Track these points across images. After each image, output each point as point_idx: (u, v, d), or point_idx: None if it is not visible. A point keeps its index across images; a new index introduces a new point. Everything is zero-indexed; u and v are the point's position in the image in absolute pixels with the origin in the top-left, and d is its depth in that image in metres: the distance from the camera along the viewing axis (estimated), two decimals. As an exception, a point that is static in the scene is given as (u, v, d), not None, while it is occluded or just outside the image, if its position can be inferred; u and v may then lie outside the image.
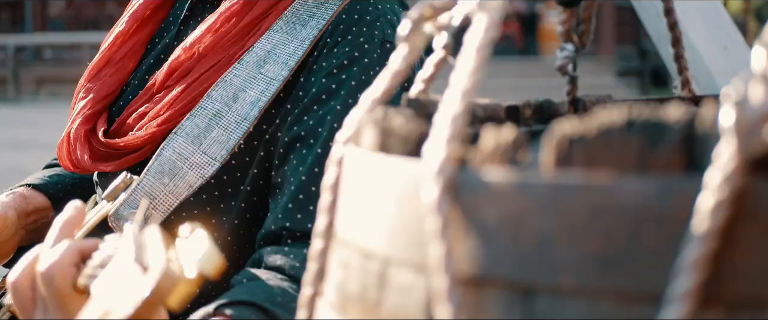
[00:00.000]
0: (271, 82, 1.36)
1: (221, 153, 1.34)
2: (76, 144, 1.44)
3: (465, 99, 0.53)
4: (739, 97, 0.43)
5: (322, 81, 1.35)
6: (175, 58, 1.42)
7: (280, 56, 1.37)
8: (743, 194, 0.42)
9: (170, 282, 0.70)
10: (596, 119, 0.47)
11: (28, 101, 18.17)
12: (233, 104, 1.35)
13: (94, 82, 1.51)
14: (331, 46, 1.36)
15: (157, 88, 1.42)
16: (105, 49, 1.54)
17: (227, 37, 1.39)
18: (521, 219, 0.48)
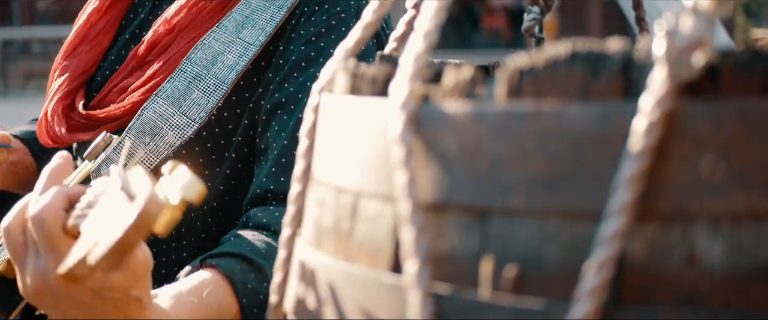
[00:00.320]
0: (248, 46, 1.38)
1: (200, 115, 1.37)
2: (53, 119, 1.46)
3: (427, 40, 0.57)
4: (670, 28, 0.47)
5: (301, 48, 1.38)
6: (154, 33, 1.44)
7: (258, 22, 1.40)
8: (673, 115, 0.47)
9: (156, 206, 0.73)
10: (544, 53, 0.51)
11: (16, 96, 18.11)
12: (212, 68, 1.38)
13: (70, 59, 1.52)
14: (309, 15, 1.39)
15: (136, 62, 1.44)
16: (79, 27, 1.55)
17: (204, 12, 1.41)
18: (477, 147, 0.52)
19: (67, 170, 1.02)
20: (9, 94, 18.34)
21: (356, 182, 0.60)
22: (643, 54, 0.49)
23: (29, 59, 19.77)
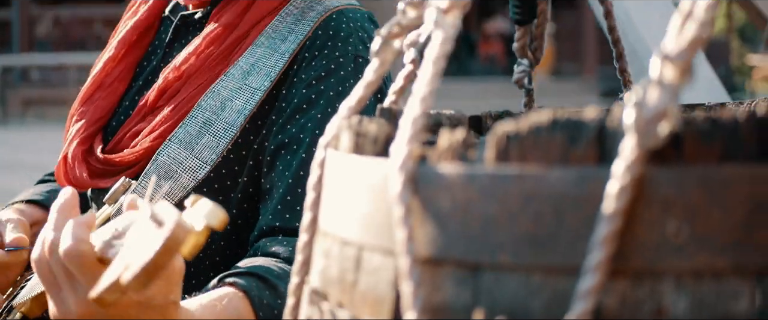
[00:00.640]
0: (254, 92, 1.46)
1: (211, 157, 1.45)
2: (74, 163, 1.53)
3: (424, 104, 0.63)
4: (639, 99, 0.53)
5: (302, 92, 1.46)
6: (164, 79, 1.52)
7: (263, 69, 1.48)
8: (642, 180, 0.53)
9: (183, 230, 0.81)
10: (528, 120, 0.57)
11: (15, 123, 18.19)
12: (221, 113, 1.46)
13: (87, 106, 1.61)
14: (310, 60, 1.48)
15: (148, 108, 1.52)
16: (95, 75, 1.63)
17: (211, 58, 1.49)
18: (469, 206, 0.58)
19: (74, 203, 1.09)
20: (8, 121, 18.41)
21: (359, 235, 0.66)
22: (616, 122, 0.55)
23: (28, 86, 19.84)
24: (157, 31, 1.65)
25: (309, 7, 1.52)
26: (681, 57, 0.54)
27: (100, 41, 20.83)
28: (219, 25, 1.51)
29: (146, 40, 1.63)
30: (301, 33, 1.49)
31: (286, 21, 1.52)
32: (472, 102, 17.21)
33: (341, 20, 1.51)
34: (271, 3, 1.52)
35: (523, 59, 0.94)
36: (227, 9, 1.52)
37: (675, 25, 0.56)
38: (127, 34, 1.64)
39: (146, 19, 1.63)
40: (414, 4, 0.76)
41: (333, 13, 1.51)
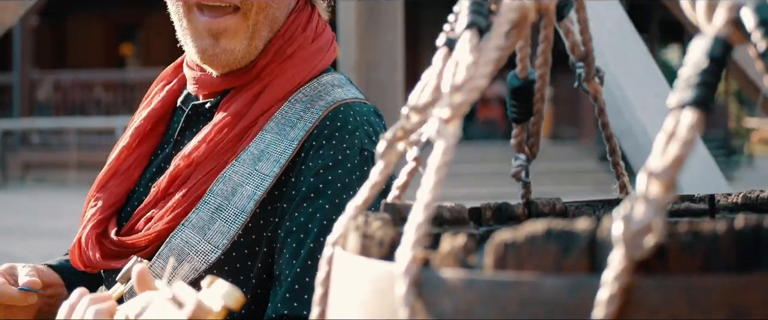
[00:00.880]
0: (264, 178, 1.52)
1: (223, 242, 1.50)
2: (87, 246, 1.60)
3: (427, 211, 0.68)
4: (626, 213, 0.58)
5: (310, 180, 1.51)
6: (175, 167, 1.59)
7: (273, 155, 1.53)
8: (630, 289, 0.57)
9: (203, 312, 0.85)
10: (524, 230, 0.61)
11: (15, 187, 18.23)
12: (232, 198, 1.52)
13: (103, 192, 1.68)
14: (318, 148, 1.53)
15: (160, 194, 1.59)
16: (111, 162, 1.71)
17: (220, 146, 1.55)
18: (470, 310, 0.62)
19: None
20: (7, 185, 18.46)
21: (365, 332, 0.70)
22: (606, 234, 0.59)
23: (28, 150, 19.93)
24: (170, 121, 1.72)
25: (318, 96, 1.59)
26: (665, 175, 0.59)
27: (100, 105, 21.06)
28: (228, 114, 1.57)
29: (160, 129, 1.70)
30: (309, 120, 1.55)
31: (295, 108, 1.58)
32: (471, 166, 17.31)
33: (349, 113, 1.57)
34: (278, 93, 1.58)
35: (521, 154, 0.99)
36: (236, 99, 1.58)
37: (659, 145, 0.60)
38: (142, 124, 1.71)
39: (160, 109, 1.70)
40: (417, 109, 0.80)
41: (341, 105, 1.57)
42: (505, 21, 0.77)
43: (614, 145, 1.02)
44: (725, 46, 0.64)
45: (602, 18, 2.67)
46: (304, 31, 1.64)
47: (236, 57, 1.57)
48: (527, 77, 0.95)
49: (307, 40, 1.63)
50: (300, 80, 1.60)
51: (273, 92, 1.58)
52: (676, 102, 0.62)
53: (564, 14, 0.92)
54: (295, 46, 1.62)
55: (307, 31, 1.64)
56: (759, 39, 0.63)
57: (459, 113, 0.72)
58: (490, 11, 0.80)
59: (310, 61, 1.62)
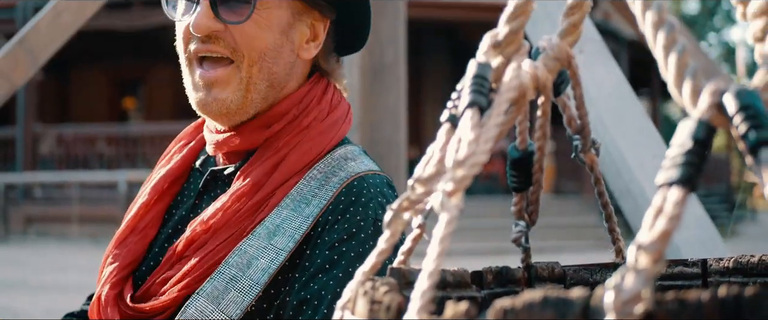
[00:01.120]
0: (279, 252, 1.57)
1: (236, 312, 1.55)
2: (107, 306, 1.64)
3: (431, 278, 0.72)
4: (617, 283, 0.62)
5: (325, 253, 1.56)
6: (192, 231, 1.64)
7: (287, 230, 1.59)
8: (620, 353, 0.61)
9: None
10: (522, 297, 0.66)
11: (17, 241, 18.24)
12: (247, 270, 1.57)
13: (121, 248, 1.72)
14: (333, 223, 1.58)
15: (176, 257, 1.63)
16: (129, 220, 1.76)
17: (238, 215, 1.60)
18: (472, 371, 0.67)
19: None
20: (9, 238, 18.48)
21: (374, 392, 0.74)
22: (598, 302, 0.64)
23: (31, 204, 19.98)
24: (186, 182, 1.78)
25: (332, 172, 1.65)
26: (653, 247, 0.63)
27: (102, 159, 21.18)
28: (246, 183, 1.63)
29: (175, 189, 1.76)
30: (324, 198, 1.61)
31: (310, 185, 1.63)
32: (473, 220, 17.35)
33: (362, 186, 1.63)
34: (296, 166, 1.64)
35: (520, 221, 1.03)
36: (254, 168, 1.64)
37: (648, 220, 0.65)
38: (160, 181, 1.77)
39: (178, 169, 1.76)
40: (422, 181, 0.85)
41: (354, 179, 1.63)
42: (504, 100, 0.82)
43: (610, 212, 1.06)
44: (708, 129, 0.69)
45: (601, 81, 2.73)
46: (319, 103, 1.71)
47: (229, 106, 1.63)
48: (526, 149, 1.00)
49: (323, 113, 1.70)
50: (316, 153, 1.66)
51: (290, 164, 1.64)
52: (663, 180, 0.67)
53: (561, 90, 0.97)
54: (310, 117, 1.69)
55: (322, 103, 1.71)
56: (739, 122, 0.68)
57: (461, 186, 0.77)
58: (491, 89, 0.85)
59: (326, 134, 1.69)
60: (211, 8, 1.61)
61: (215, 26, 1.62)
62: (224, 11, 1.61)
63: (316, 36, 1.73)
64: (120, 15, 19.04)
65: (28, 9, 19.91)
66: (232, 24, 1.62)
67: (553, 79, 0.93)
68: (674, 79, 0.73)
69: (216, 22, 1.61)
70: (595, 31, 2.92)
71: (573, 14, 0.94)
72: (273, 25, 1.65)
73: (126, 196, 17.12)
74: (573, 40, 0.94)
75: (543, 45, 0.93)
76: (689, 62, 0.73)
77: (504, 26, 0.88)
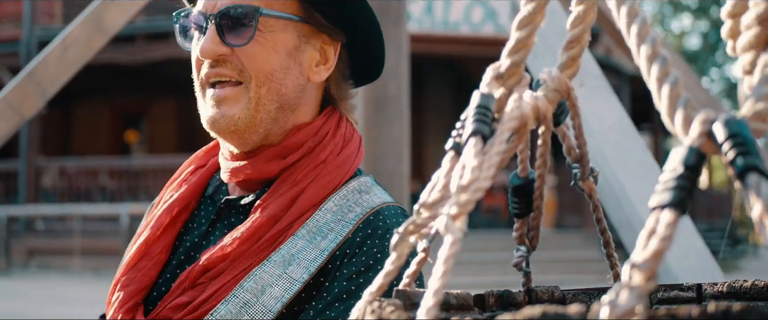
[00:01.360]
0: (294, 282, 1.60)
1: None
2: None
3: (436, 296, 0.76)
4: (612, 299, 0.66)
5: (343, 284, 1.59)
6: (208, 258, 1.66)
7: (303, 261, 1.62)
8: (616, 365, 0.65)
9: None
10: (523, 313, 0.70)
11: (18, 273, 18.24)
12: (261, 296, 1.60)
13: (133, 273, 1.74)
14: (351, 256, 1.62)
15: (189, 283, 1.65)
16: (141, 244, 1.77)
17: (255, 246, 1.63)
18: (475, 383, 0.71)
19: None
20: (11, 271, 18.48)
21: None
22: (594, 317, 0.68)
23: (32, 236, 19.99)
24: (197, 208, 1.82)
25: (348, 207, 1.69)
26: (646, 266, 0.67)
27: (105, 192, 21.23)
28: (264, 215, 1.66)
29: (185, 215, 1.79)
30: (341, 233, 1.65)
31: (327, 218, 1.68)
32: (475, 254, 17.36)
33: (378, 219, 1.67)
34: (313, 200, 1.68)
35: (522, 246, 1.07)
36: (273, 200, 1.68)
37: (641, 240, 0.69)
38: (171, 206, 1.80)
39: (189, 195, 1.79)
40: (427, 206, 0.89)
41: (371, 214, 1.68)
42: (506, 129, 0.86)
43: (608, 238, 1.10)
44: (699, 156, 0.73)
45: (602, 115, 2.78)
46: (334, 136, 1.76)
47: (237, 123, 1.68)
48: (528, 177, 1.04)
49: (338, 147, 1.75)
50: (333, 187, 1.70)
51: (308, 197, 1.68)
52: (656, 203, 0.71)
53: (560, 121, 1.01)
54: (327, 151, 1.73)
55: (337, 137, 1.76)
56: (728, 149, 0.72)
57: (465, 210, 0.81)
58: (494, 119, 0.89)
59: (341, 168, 1.73)
60: (217, 34, 1.67)
61: (221, 50, 1.68)
62: (229, 36, 1.67)
63: (327, 59, 1.77)
64: (123, 49, 19.16)
65: (33, 43, 20.04)
66: (236, 47, 1.68)
67: (553, 109, 0.97)
68: (667, 109, 0.77)
69: (222, 46, 1.68)
70: (596, 66, 2.98)
71: (572, 48, 0.98)
72: (279, 47, 1.70)
73: (128, 229, 17.14)
74: (572, 72, 0.98)
75: (543, 77, 0.97)
76: (681, 93, 0.77)
77: (506, 59, 0.93)
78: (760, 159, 0.71)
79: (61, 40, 4.16)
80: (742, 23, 0.81)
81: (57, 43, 4.17)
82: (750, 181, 0.70)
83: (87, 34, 4.18)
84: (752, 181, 0.70)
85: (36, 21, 20.69)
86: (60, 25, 20.37)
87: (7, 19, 21.45)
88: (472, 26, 19.67)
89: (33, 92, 3.93)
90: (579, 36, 0.97)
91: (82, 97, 22.95)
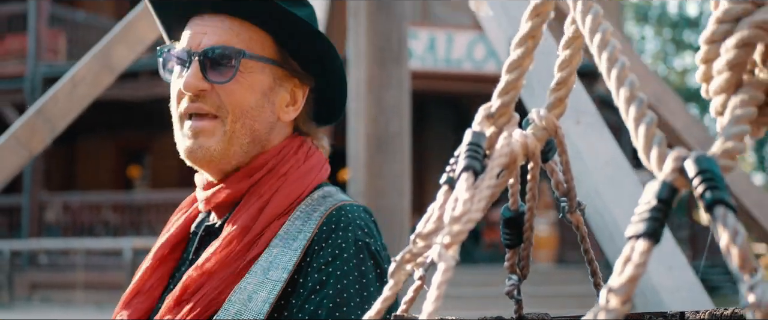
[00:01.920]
0: (275, 283, 1.73)
1: None
2: None
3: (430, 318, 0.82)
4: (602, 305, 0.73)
5: (315, 276, 1.74)
6: (188, 277, 1.79)
7: (280, 264, 1.76)
8: (594, 381, 0.71)
9: None
10: None
11: (22, 306, 18.26)
12: (249, 304, 1.73)
13: (127, 308, 1.87)
14: (319, 251, 1.76)
15: (173, 303, 1.78)
16: (135, 282, 1.91)
17: (230, 257, 1.78)
18: None
19: None
20: (14, 305, 18.49)
21: None
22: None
23: (35, 270, 20.01)
24: (186, 244, 1.95)
25: (312, 209, 1.83)
26: (621, 290, 0.74)
27: (108, 227, 21.27)
28: (235, 228, 1.81)
29: (177, 253, 1.93)
30: (308, 231, 1.79)
31: (295, 224, 1.81)
32: (477, 289, 17.36)
33: (341, 214, 1.81)
34: (279, 208, 1.82)
35: (513, 275, 1.14)
36: (241, 214, 1.82)
37: (618, 267, 0.75)
38: (162, 246, 1.94)
39: (178, 234, 1.94)
40: (422, 236, 0.96)
41: (333, 210, 1.82)
42: (496, 165, 0.93)
43: (595, 268, 1.17)
44: (671, 190, 0.79)
45: (597, 152, 2.85)
46: (295, 153, 1.92)
47: (213, 154, 1.84)
48: (518, 209, 1.10)
49: (299, 162, 1.91)
50: (296, 195, 1.86)
51: (274, 206, 1.83)
52: (631, 233, 0.78)
53: (548, 157, 1.08)
54: (288, 166, 1.89)
55: (299, 153, 1.92)
56: (698, 184, 0.78)
57: (457, 240, 0.88)
58: (485, 155, 0.96)
59: (303, 179, 1.88)
60: (201, 70, 1.83)
61: (203, 85, 1.83)
62: (211, 73, 1.84)
63: (296, 101, 1.95)
64: (126, 85, 19.26)
65: (37, 79, 20.17)
66: (217, 84, 1.83)
67: (541, 147, 1.04)
68: (643, 146, 0.83)
69: (204, 82, 1.83)
70: (592, 104, 3.05)
71: (559, 90, 1.05)
72: (255, 87, 1.87)
73: (131, 263, 17.18)
74: (559, 112, 1.05)
75: (532, 117, 1.04)
76: (656, 133, 0.84)
77: (496, 100, 0.99)
78: (727, 194, 0.78)
79: (70, 77, 4.25)
80: (714, 68, 0.87)
81: (66, 80, 4.25)
82: (717, 213, 0.77)
83: (95, 71, 4.26)
84: (719, 213, 0.77)
85: (40, 57, 20.83)
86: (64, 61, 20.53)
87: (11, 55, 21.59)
88: (475, 63, 19.81)
89: (41, 129, 4.00)
90: (565, 79, 1.04)
91: (86, 132, 23.05)
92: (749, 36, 0.84)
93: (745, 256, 0.74)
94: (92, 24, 22.05)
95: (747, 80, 0.86)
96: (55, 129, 4.09)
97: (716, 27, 0.86)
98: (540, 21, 0.99)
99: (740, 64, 0.85)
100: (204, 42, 1.84)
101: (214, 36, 1.84)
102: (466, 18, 21.44)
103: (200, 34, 1.85)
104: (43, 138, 4.02)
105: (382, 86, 4.23)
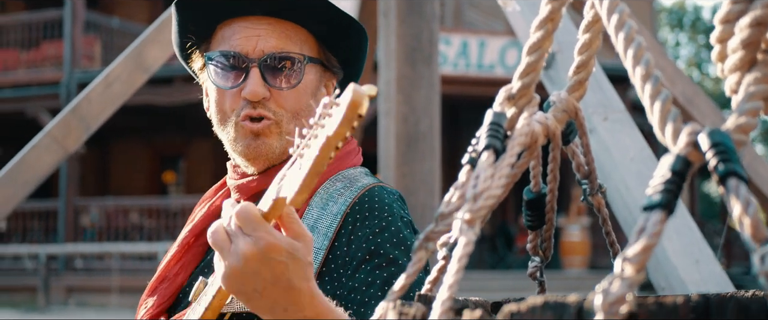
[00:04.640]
0: (318, 251, 1.76)
1: None
2: None
3: (451, 290, 0.85)
4: (605, 288, 0.75)
5: (362, 246, 1.76)
6: None
7: (321, 230, 1.79)
8: (607, 345, 0.74)
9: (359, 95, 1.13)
10: (527, 302, 0.78)
11: (57, 310, 18.42)
12: None
13: (154, 295, 1.92)
14: (362, 220, 1.79)
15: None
16: (161, 271, 1.95)
17: None
18: (484, 365, 0.79)
19: None
20: (50, 308, 18.66)
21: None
22: (590, 304, 0.76)
23: (71, 274, 20.18)
24: None
25: (354, 179, 1.88)
26: (635, 259, 0.76)
27: (141, 231, 21.42)
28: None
29: (202, 239, 1.93)
30: (349, 197, 1.82)
31: (336, 185, 1.86)
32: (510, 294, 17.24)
33: (382, 192, 1.85)
34: None
35: (536, 257, 1.16)
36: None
37: (633, 236, 0.78)
38: (186, 236, 1.97)
39: (201, 223, 1.96)
40: (445, 215, 0.98)
41: (375, 187, 1.86)
42: (517, 144, 0.95)
43: (616, 250, 1.19)
44: (685, 163, 0.82)
45: (625, 148, 2.86)
46: None
47: (274, 151, 1.87)
48: (540, 191, 1.13)
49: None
50: (334, 170, 1.90)
51: None
52: (646, 205, 0.80)
53: (570, 139, 1.10)
54: None
55: None
56: (711, 157, 0.81)
57: (478, 215, 0.90)
58: (506, 136, 0.98)
59: (340, 160, 1.93)
60: (263, 78, 1.85)
61: (266, 93, 1.86)
62: (271, 79, 1.87)
63: (329, 93, 1.99)
64: (161, 90, 19.41)
65: (73, 85, 20.35)
66: (281, 90, 1.87)
67: (561, 128, 1.06)
68: (659, 122, 0.86)
69: (266, 89, 1.86)
70: (620, 102, 3.07)
71: (579, 72, 1.07)
72: (308, 88, 1.91)
73: (165, 267, 17.22)
74: (580, 95, 1.08)
75: (553, 99, 1.07)
76: (671, 109, 0.86)
77: (517, 81, 1.02)
78: (739, 166, 0.80)
79: (104, 77, 4.31)
80: (729, 47, 0.89)
81: (100, 80, 4.32)
82: (730, 185, 0.79)
83: (128, 71, 4.32)
84: (732, 185, 0.79)
85: (76, 64, 21.02)
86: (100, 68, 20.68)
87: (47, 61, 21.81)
88: (507, 69, 19.78)
89: (76, 127, 4.07)
90: (585, 62, 1.07)
91: (121, 138, 23.25)
92: (762, 15, 0.86)
93: (756, 225, 0.76)
94: (127, 30, 22.23)
95: (761, 59, 0.88)
96: (89, 128, 4.16)
97: (731, 7, 0.88)
98: (559, 4, 1.01)
99: (754, 43, 0.87)
100: (260, 46, 1.85)
101: (271, 40, 1.86)
102: (498, 24, 21.39)
103: (253, 37, 1.86)
104: (78, 136, 4.09)
105: (413, 85, 4.25)
